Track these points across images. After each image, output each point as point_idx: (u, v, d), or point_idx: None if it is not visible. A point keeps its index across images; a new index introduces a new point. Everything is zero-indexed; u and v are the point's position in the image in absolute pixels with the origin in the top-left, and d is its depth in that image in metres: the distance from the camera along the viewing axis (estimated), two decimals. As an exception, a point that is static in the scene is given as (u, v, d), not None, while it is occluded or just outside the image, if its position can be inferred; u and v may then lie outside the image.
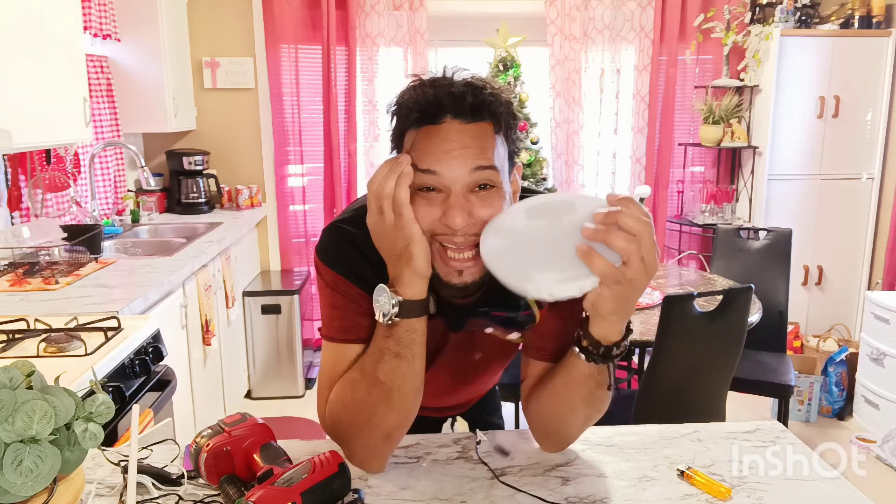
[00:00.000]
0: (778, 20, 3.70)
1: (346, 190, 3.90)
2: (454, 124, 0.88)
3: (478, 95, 0.89)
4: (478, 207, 0.89)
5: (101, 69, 3.15)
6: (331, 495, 0.83)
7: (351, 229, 1.01)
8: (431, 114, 0.88)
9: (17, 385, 0.77)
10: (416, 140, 0.90)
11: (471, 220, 0.88)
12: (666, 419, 1.22)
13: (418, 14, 3.75)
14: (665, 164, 4.00)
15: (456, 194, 0.88)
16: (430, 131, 0.89)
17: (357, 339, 0.99)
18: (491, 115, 0.90)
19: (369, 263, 0.97)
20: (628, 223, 0.78)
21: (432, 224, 0.90)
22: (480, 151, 0.88)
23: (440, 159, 0.88)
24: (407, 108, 0.90)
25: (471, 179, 0.88)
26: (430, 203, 0.89)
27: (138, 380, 1.73)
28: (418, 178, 0.89)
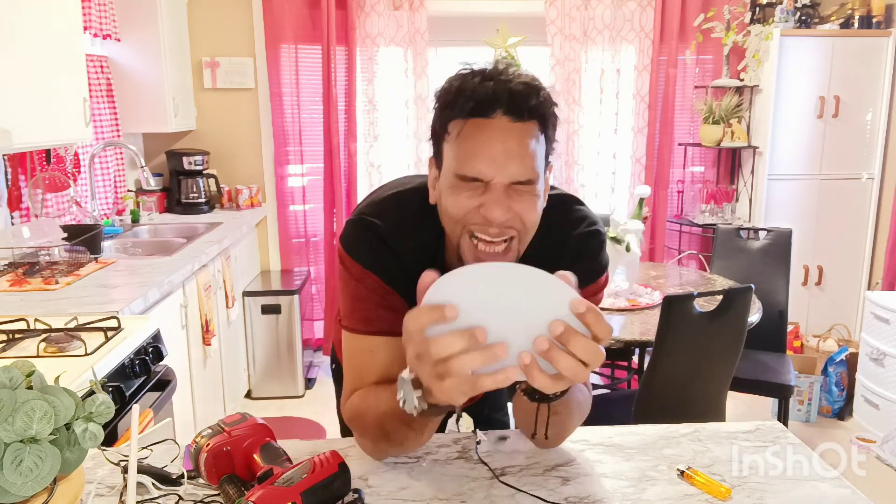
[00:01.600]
0: (778, 20, 3.70)
1: (346, 190, 3.90)
2: (503, 121, 0.89)
3: (533, 96, 0.90)
4: (515, 202, 0.90)
5: (101, 69, 3.15)
6: (331, 495, 0.83)
7: (377, 222, 1.01)
8: (485, 106, 0.89)
9: (17, 385, 0.77)
10: (462, 131, 0.91)
11: (509, 213, 0.90)
12: (666, 419, 1.22)
13: (418, 14, 3.75)
14: (665, 164, 4.00)
15: (496, 187, 0.90)
16: (479, 125, 0.89)
17: (379, 332, 1.00)
18: (539, 117, 0.91)
19: (396, 258, 0.99)
20: (582, 353, 0.71)
21: (468, 213, 0.91)
22: (524, 159, 0.89)
23: (484, 158, 0.89)
24: (463, 97, 0.90)
25: (513, 178, 0.90)
26: (468, 192, 0.91)
27: (138, 380, 1.73)
28: (459, 170, 0.91)
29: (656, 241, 4.03)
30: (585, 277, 0.98)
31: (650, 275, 2.94)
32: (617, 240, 2.53)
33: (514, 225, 0.91)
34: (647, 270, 3.02)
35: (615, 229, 2.56)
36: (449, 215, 0.94)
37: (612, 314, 2.40)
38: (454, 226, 0.94)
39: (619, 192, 4.06)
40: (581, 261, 1.02)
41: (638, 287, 2.64)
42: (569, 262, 0.94)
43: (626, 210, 3.84)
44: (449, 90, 0.92)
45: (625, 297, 2.54)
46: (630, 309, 2.44)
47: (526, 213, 0.92)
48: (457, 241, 0.95)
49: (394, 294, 0.99)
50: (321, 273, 4.04)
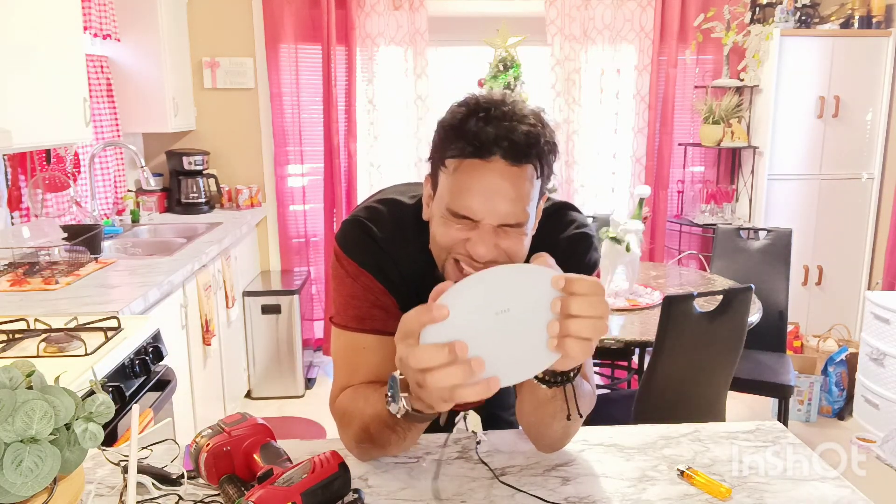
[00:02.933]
0: (778, 20, 3.70)
1: (346, 190, 3.90)
2: (500, 164, 0.90)
3: (533, 143, 0.90)
4: (502, 240, 0.92)
5: (101, 69, 3.15)
6: (331, 495, 0.83)
7: (373, 227, 1.04)
8: (484, 150, 0.89)
9: (17, 385, 0.77)
10: (459, 168, 0.92)
11: (495, 251, 0.92)
12: (666, 419, 1.22)
13: (418, 14, 3.75)
14: (665, 164, 4.00)
15: (485, 227, 0.92)
16: (476, 166, 0.90)
17: (371, 330, 1.02)
18: (536, 160, 0.92)
19: (391, 260, 1.02)
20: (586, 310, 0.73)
21: (454, 245, 0.94)
22: (518, 194, 0.91)
23: (478, 199, 0.90)
24: (464, 140, 0.90)
25: (503, 220, 0.91)
26: (458, 226, 0.93)
27: (138, 380, 1.73)
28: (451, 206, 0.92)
29: (656, 241, 4.03)
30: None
31: (650, 275, 2.94)
32: (617, 240, 2.53)
33: (499, 260, 0.93)
34: (647, 270, 3.02)
35: (615, 229, 2.56)
36: (436, 242, 0.97)
37: (612, 314, 2.40)
38: (440, 251, 0.97)
39: (619, 192, 4.06)
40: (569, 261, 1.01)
41: (638, 287, 2.64)
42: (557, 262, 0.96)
43: (626, 210, 3.84)
44: (451, 126, 0.93)
45: (625, 297, 2.54)
46: (630, 309, 2.44)
47: (511, 249, 0.93)
48: (442, 264, 0.98)
49: (387, 294, 1.02)
50: (321, 273, 4.04)
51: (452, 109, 0.94)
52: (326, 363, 4.11)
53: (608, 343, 2.16)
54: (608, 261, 2.58)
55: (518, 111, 0.92)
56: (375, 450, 1.01)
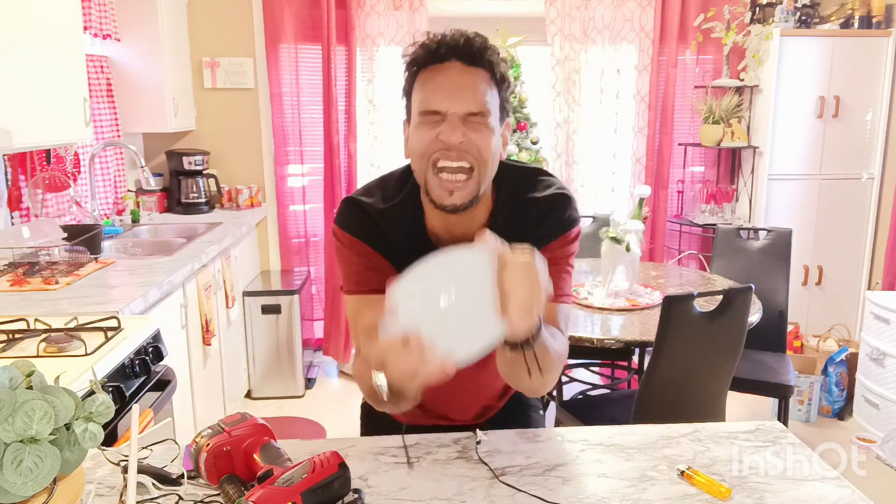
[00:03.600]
0: (778, 20, 3.70)
1: (346, 190, 3.90)
2: (457, 65, 1.04)
3: (481, 47, 1.05)
4: (470, 130, 1.04)
5: (101, 69, 3.15)
6: (331, 495, 0.83)
7: (363, 199, 1.16)
8: (439, 54, 1.05)
9: (17, 385, 0.77)
10: (421, 77, 1.06)
11: (464, 138, 1.03)
12: (666, 419, 1.22)
13: (418, 14, 3.75)
14: (665, 164, 4.00)
15: (452, 117, 1.03)
16: (436, 69, 1.05)
17: (370, 290, 1.12)
18: (488, 64, 1.05)
19: (382, 226, 1.14)
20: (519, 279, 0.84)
21: (430, 144, 1.04)
22: (475, 87, 1.04)
23: (441, 93, 1.03)
24: (421, 48, 1.06)
25: (467, 109, 1.03)
26: (428, 126, 1.04)
27: (138, 380, 1.73)
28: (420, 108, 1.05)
29: (656, 241, 4.03)
30: (553, 231, 1.14)
31: (650, 275, 2.94)
32: (617, 240, 2.53)
33: (471, 151, 1.03)
34: (647, 270, 3.02)
35: (615, 229, 2.56)
36: (415, 153, 1.07)
37: (612, 314, 2.40)
38: (421, 161, 1.06)
39: (619, 192, 4.06)
40: (547, 217, 1.14)
41: (638, 287, 2.64)
42: (535, 219, 1.14)
43: (626, 210, 3.84)
44: (412, 49, 1.08)
45: (625, 297, 2.54)
46: (630, 309, 2.44)
47: (481, 143, 1.04)
48: (424, 182, 1.07)
49: (380, 258, 1.14)
50: (321, 273, 4.04)
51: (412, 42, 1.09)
52: (326, 363, 4.12)
53: (608, 343, 2.16)
54: (608, 261, 2.58)
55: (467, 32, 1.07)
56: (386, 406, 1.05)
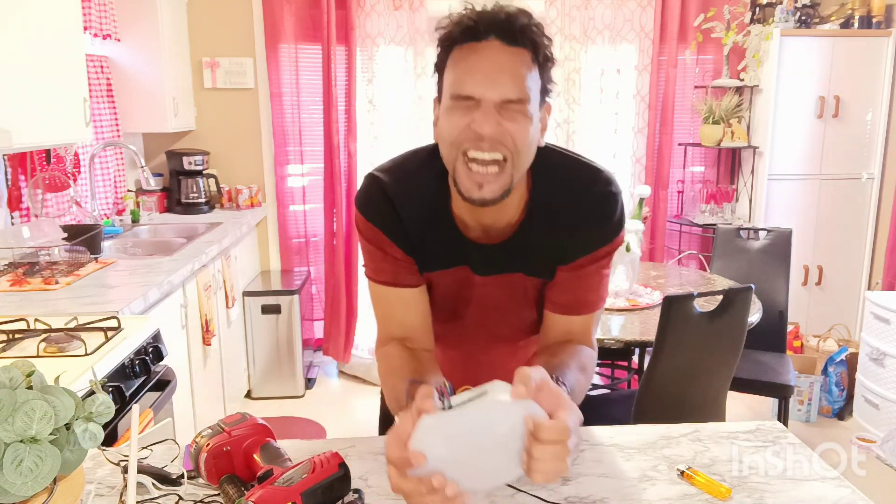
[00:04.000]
0: (778, 20, 3.70)
1: (346, 190, 3.90)
2: (496, 44, 0.93)
3: (523, 22, 0.94)
4: (506, 119, 0.93)
5: (101, 69, 3.15)
6: (331, 495, 0.83)
7: (383, 178, 1.09)
8: (479, 30, 0.94)
9: (17, 385, 0.77)
10: (457, 55, 0.96)
11: (498, 128, 0.93)
12: (666, 419, 1.22)
13: (418, 14, 3.75)
14: (665, 164, 4.00)
15: (487, 104, 0.93)
16: (473, 48, 0.94)
17: (384, 282, 1.11)
18: (531, 44, 0.95)
19: (399, 215, 1.07)
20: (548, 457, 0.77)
21: (462, 132, 0.94)
22: (515, 71, 0.93)
23: (477, 76, 0.93)
24: (458, 24, 0.95)
25: (504, 96, 0.93)
26: (461, 111, 0.94)
27: (138, 380, 1.73)
28: (454, 90, 0.95)
29: (656, 241, 4.03)
30: (597, 239, 1.07)
31: (650, 275, 2.94)
32: (617, 240, 2.53)
33: (505, 142, 0.94)
34: (647, 270, 3.02)
35: (615, 229, 2.56)
36: (444, 140, 0.98)
37: (612, 314, 2.40)
38: (450, 150, 0.97)
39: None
40: (592, 222, 1.06)
41: (638, 287, 2.64)
42: (578, 222, 1.05)
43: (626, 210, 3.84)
44: (447, 22, 0.97)
45: (625, 297, 2.54)
46: (630, 309, 2.44)
47: (517, 133, 0.94)
48: (453, 171, 0.98)
49: (393, 245, 1.08)
50: (321, 273, 4.04)
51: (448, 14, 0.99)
52: (326, 363, 4.12)
53: (608, 343, 2.16)
54: (608, 261, 2.57)
55: (508, 6, 0.96)
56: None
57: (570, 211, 1.06)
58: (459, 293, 1.14)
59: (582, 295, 1.10)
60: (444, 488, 0.75)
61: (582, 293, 1.10)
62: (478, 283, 1.12)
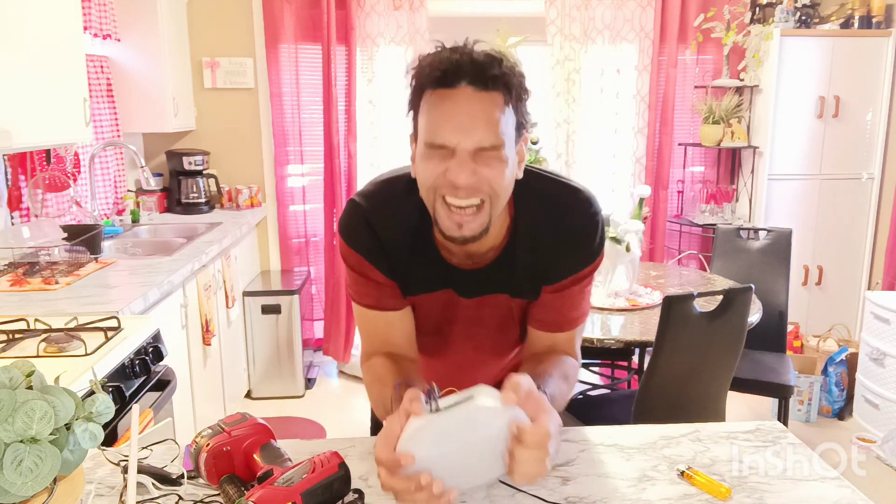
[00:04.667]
0: (778, 20, 3.70)
1: (346, 190, 3.90)
2: (468, 90, 0.93)
3: (494, 66, 0.94)
4: (482, 166, 0.94)
5: (101, 69, 3.15)
6: (331, 495, 0.83)
7: (364, 204, 1.09)
8: (450, 77, 0.93)
9: (17, 385, 0.77)
10: (430, 101, 0.96)
11: (474, 177, 0.94)
12: (666, 419, 1.22)
13: (418, 14, 3.75)
14: (665, 164, 4.00)
15: (461, 153, 0.93)
16: (445, 95, 0.94)
17: (367, 305, 1.12)
18: (504, 86, 0.94)
19: (381, 241, 1.08)
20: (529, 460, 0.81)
21: (437, 179, 0.96)
22: (488, 118, 0.93)
23: (449, 125, 0.93)
24: (429, 68, 0.95)
25: (478, 144, 0.93)
26: (436, 159, 0.95)
27: (138, 380, 1.73)
28: (427, 139, 0.96)
29: (656, 241, 4.03)
30: (580, 261, 1.09)
31: (650, 275, 2.94)
32: (617, 240, 2.53)
33: (482, 188, 0.95)
34: (647, 270, 3.02)
35: (615, 229, 2.56)
36: (421, 184, 1.00)
37: (612, 314, 2.40)
38: (427, 193, 0.99)
39: (619, 192, 4.06)
40: (576, 246, 1.08)
41: (638, 287, 2.64)
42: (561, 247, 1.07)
43: (626, 210, 3.84)
44: (419, 65, 0.98)
45: (625, 297, 2.54)
46: (630, 309, 2.44)
47: (493, 179, 0.95)
48: (433, 211, 1.00)
49: (376, 271, 1.09)
50: (321, 273, 4.04)
51: (420, 55, 0.99)
52: (326, 363, 4.11)
53: (608, 343, 2.16)
54: (608, 261, 2.57)
55: (479, 46, 0.96)
56: None
57: (552, 234, 1.07)
58: (444, 313, 1.16)
59: (566, 313, 1.12)
60: (430, 486, 0.78)
61: (566, 311, 1.12)
62: (462, 305, 1.14)
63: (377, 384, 1.08)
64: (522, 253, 1.08)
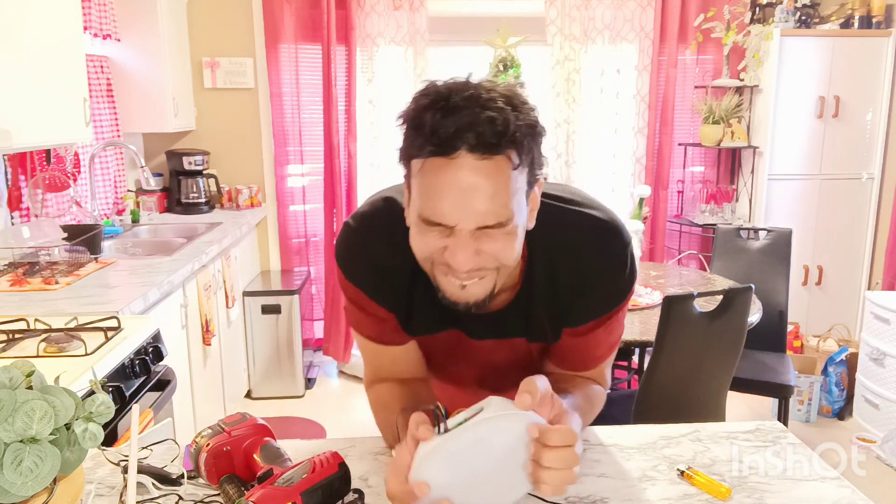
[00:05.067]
0: (778, 20, 3.70)
1: (346, 190, 3.90)
2: (468, 159, 0.78)
3: (502, 131, 0.77)
4: (485, 244, 0.82)
5: (101, 69, 3.15)
6: (331, 495, 0.83)
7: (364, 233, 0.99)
8: (447, 147, 0.78)
9: (17, 385, 0.77)
10: (423, 169, 0.81)
11: (477, 258, 0.82)
12: (666, 419, 1.22)
13: (418, 14, 3.75)
14: (665, 164, 4.00)
15: (461, 233, 0.81)
16: (441, 165, 0.79)
17: (367, 336, 1.06)
18: (512, 145, 0.79)
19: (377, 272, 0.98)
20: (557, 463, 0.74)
21: (433, 253, 0.84)
22: (493, 201, 0.79)
23: (446, 205, 0.79)
24: (422, 137, 0.80)
25: (480, 223, 0.80)
26: (433, 234, 0.82)
27: (138, 380, 1.73)
28: (422, 213, 0.82)
29: (656, 241, 4.03)
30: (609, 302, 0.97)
31: (650, 275, 2.94)
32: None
33: (487, 265, 0.83)
34: (647, 270, 3.02)
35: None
36: (416, 254, 0.87)
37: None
38: (423, 262, 0.87)
39: (619, 192, 4.06)
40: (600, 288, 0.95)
41: (638, 287, 2.64)
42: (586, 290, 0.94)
43: (626, 210, 3.84)
44: (410, 121, 0.82)
45: (625, 297, 2.53)
46: (630, 309, 2.44)
47: (500, 253, 0.83)
48: (432, 276, 0.88)
49: (375, 305, 1.00)
50: (321, 273, 4.04)
51: (414, 99, 0.83)
52: (326, 363, 4.11)
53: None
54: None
55: (484, 95, 0.78)
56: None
57: (572, 274, 0.93)
58: (453, 352, 1.05)
59: (591, 352, 1.02)
60: None
61: (591, 351, 1.02)
62: (474, 346, 1.03)
63: (383, 410, 1.03)
64: (540, 293, 0.96)
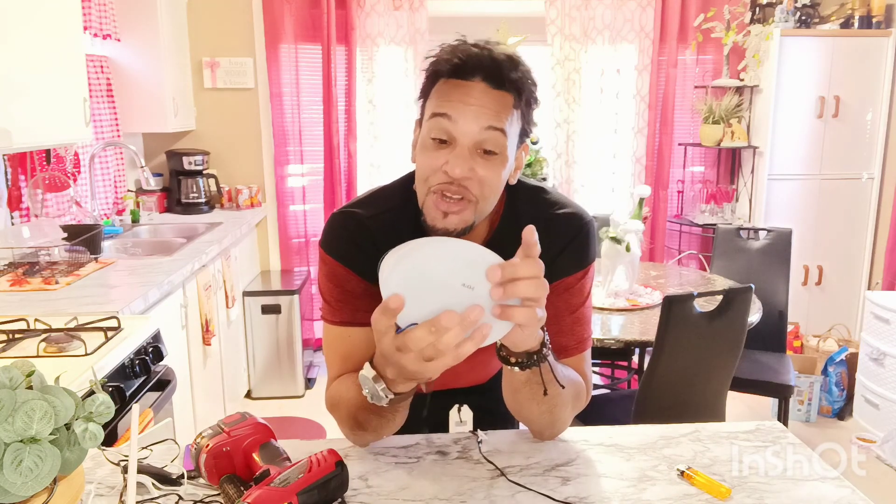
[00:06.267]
0: (778, 20, 3.70)
1: (346, 190, 3.90)
2: (481, 85, 0.94)
3: (511, 69, 0.95)
4: (479, 167, 0.95)
5: (101, 69, 3.15)
6: (327, 494, 0.83)
7: (357, 210, 1.07)
8: (467, 69, 0.95)
9: (17, 385, 0.77)
10: (442, 88, 0.97)
11: (470, 174, 0.94)
12: (666, 419, 1.22)
13: (418, 14, 3.76)
14: (665, 164, 4.00)
15: (462, 146, 0.94)
16: (458, 84, 0.95)
17: (339, 322, 1.07)
18: (515, 90, 0.96)
19: (365, 250, 1.03)
20: (528, 293, 0.78)
21: (435, 174, 0.96)
22: (496, 114, 0.94)
23: (457, 108, 0.94)
24: (447, 57, 0.97)
25: (480, 137, 0.94)
26: (436, 151, 0.95)
27: (138, 380, 1.73)
28: (433, 123, 0.95)
29: (656, 241, 4.03)
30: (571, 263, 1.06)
31: (650, 275, 2.94)
32: (617, 240, 2.53)
33: (472, 188, 0.95)
34: (647, 270, 3.02)
35: (615, 229, 2.56)
36: (418, 174, 1.00)
37: (612, 314, 2.40)
38: (421, 186, 0.99)
39: (619, 192, 4.06)
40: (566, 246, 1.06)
41: (638, 287, 2.64)
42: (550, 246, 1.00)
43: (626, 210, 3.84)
44: (438, 53, 0.99)
45: (625, 297, 2.54)
46: (630, 309, 2.44)
47: (488, 179, 0.95)
48: (423, 201, 0.99)
49: (356, 278, 1.04)
50: (321, 273, 4.04)
51: (440, 45, 1.00)
52: (326, 363, 4.11)
53: (608, 343, 2.16)
54: (608, 261, 2.58)
55: (500, 48, 0.97)
56: (369, 435, 1.03)
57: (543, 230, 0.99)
58: None
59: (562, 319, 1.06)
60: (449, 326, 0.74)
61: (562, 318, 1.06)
62: None
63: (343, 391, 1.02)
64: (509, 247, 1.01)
